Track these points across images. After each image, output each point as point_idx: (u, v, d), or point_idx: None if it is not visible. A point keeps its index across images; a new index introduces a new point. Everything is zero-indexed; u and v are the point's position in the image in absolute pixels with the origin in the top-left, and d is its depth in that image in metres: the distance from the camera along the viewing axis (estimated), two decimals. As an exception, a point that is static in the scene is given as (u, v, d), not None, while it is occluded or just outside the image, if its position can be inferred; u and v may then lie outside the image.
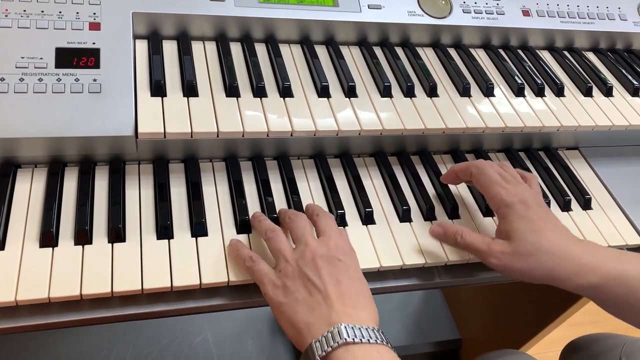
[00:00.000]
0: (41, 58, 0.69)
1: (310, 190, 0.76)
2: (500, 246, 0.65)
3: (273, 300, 0.58)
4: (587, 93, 0.91)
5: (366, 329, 0.54)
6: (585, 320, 1.68)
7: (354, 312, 0.55)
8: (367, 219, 0.73)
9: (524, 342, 1.29)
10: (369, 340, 0.53)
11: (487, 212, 0.78)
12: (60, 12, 0.73)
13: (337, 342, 0.52)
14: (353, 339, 0.52)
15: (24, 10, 0.72)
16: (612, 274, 0.62)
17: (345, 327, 0.53)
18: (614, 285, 0.62)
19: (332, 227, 0.64)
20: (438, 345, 1.54)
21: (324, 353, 0.52)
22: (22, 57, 0.69)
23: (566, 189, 0.84)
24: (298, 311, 0.56)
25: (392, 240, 0.71)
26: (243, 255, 0.63)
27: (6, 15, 0.71)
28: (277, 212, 0.70)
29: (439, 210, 0.77)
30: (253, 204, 0.72)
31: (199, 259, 0.64)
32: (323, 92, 0.78)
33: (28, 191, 0.67)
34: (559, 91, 0.89)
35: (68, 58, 0.70)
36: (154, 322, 1.34)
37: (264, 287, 0.59)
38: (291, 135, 0.73)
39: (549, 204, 0.80)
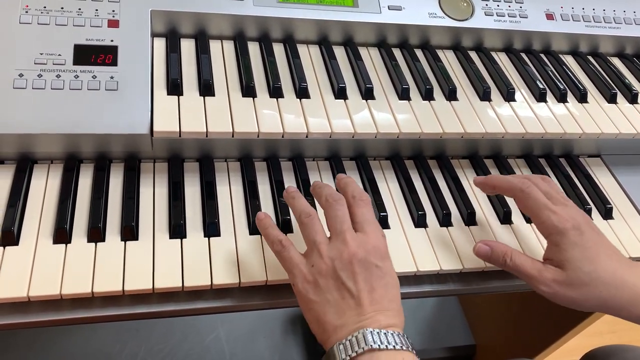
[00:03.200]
0: (59, 55, 0.69)
1: (324, 192, 0.75)
2: (552, 274, 0.61)
3: (302, 294, 0.56)
4: (612, 100, 0.89)
5: (392, 334, 0.52)
6: (603, 330, 1.65)
7: (383, 319, 0.54)
8: (382, 223, 0.72)
9: (539, 350, 1.27)
10: (394, 346, 0.52)
11: (505, 219, 0.76)
12: (79, 9, 0.73)
13: (363, 348, 0.51)
14: (379, 345, 0.51)
15: (44, 7, 0.72)
16: None
17: (372, 332, 0.52)
18: None
19: (370, 222, 0.59)
20: (452, 350, 1.52)
21: (348, 357, 0.51)
22: (41, 54, 0.69)
23: (587, 197, 0.82)
24: (327, 312, 0.55)
25: (407, 246, 0.70)
26: (272, 237, 0.60)
27: (26, 12, 0.71)
28: (312, 185, 0.65)
29: (455, 216, 0.75)
30: (267, 205, 0.72)
31: (211, 259, 0.64)
32: (340, 93, 0.77)
33: (44, 187, 0.68)
34: (582, 97, 0.87)
35: (86, 55, 0.70)
36: (167, 319, 1.34)
37: (294, 277, 0.57)
38: (306, 136, 0.72)
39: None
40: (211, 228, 0.67)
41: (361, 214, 0.60)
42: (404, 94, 0.80)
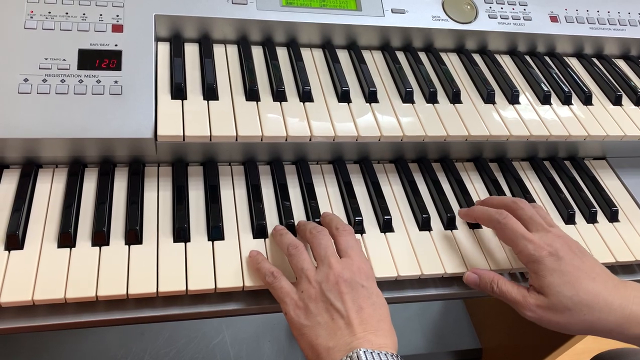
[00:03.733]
0: (64, 59, 0.70)
1: (328, 195, 0.75)
2: (535, 300, 0.61)
3: (294, 320, 0.58)
4: (617, 102, 0.89)
5: (385, 354, 0.53)
6: (611, 334, 1.64)
7: (374, 339, 0.55)
8: (386, 226, 0.72)
9: (546, 354, 1.26)
10: None
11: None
12: (84, 14, 0.74)
13: None
14: None
15: (49, 12, 0.73)
16: None
17: (365, 352, 0.52)
18: None
19: (354, 247, 0.63)
20: (458, 354, 1.51)
21: None
22: (46, 58, 0.69)
23: (592, 200, 0.82)
24: (319, 335, 0.56)
25: (411, 249, 0.70)
26: (264, 270, 0.62)
27: (31, 17, 0.72)
28: (297, 224, 0.69)
29: (459, 220, 0.75)
30: (270, 209, 0.72)
31: (215, 263, 0.64)
32: (343, 96, 0.77)
33: (48, 191, 0.68)
34: (586, 99, 0.87)
35: (90, 60, 0.70)
36: (172, 322, 1.34)
37: (286, 306, 0.59)
38: (310, 140, 0.72)
39: (573, 215, 0.78)
40: (215, 232, 0.67)
41: (345, 241, 0.63)
42: (407, 97, 0.80)
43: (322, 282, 0.58)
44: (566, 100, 0.86)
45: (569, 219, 0.78)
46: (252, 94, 0.74)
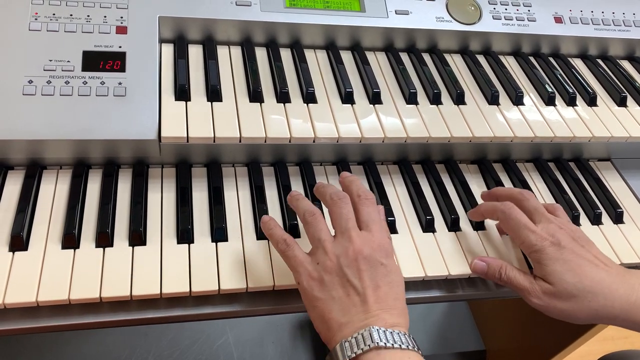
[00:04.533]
0: (68, 61, 0.70)
1: (332, 197, 0.75)
2: (542, 287, 0.62)
3: (307, 292, 0.56)
4: (621, 103, 0.88)
5: (398, 333, 0.52)
6: (616, 335, 1.63)
7: (388, 317, 0.54)
8: (389, 228, 0.72)
9: (550, 356, 1.25)
10: (400, 345, 0.52)
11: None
12: (88, 15, 0.74)
13: (369, 345, 0.51)
14: (385, 343, 0.51)
15: (53, 14, 0.73)
16: None
17: (377, 330, 0.52)
18: None
19: (375, 220, 0.60)
20: (462, 356, 1.51)
21: (353, 354, 0.51)
22: (50, 60, 0.69)
23: (597, 201, 0.81)
24: (332, 309, 0.55)
25: (415, 251, 0.70)
26: (276, 237, 0.60)
27: (36, 19, 0.72)
28: (315, 187, 0.65)
29: (463, 221, 0.75)
30: (274, 210, 0.72)
31: (219, 265, 0.64)
32: (347, 98, 0.77)
33: (52, 192, 0.68)
34: (591, 100, 0.87)
35: (94, 61, 0.71)
36: (176, 324, 1.34)
37: (299, 275, 0.57)
38: (314, 141, 0.72)
39: (578, 217, 0.78)
40: (218, 233, 0.67)
41: (366, 212, 0.60)
42: (411, 98, 0.80)
43: (340, 256, 0.56)
44: (571, 102, 0.86)
45: (574, 221, 0.78)
46: (255, 96, 0.74)
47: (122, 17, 0.75)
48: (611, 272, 0.62)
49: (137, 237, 0.64)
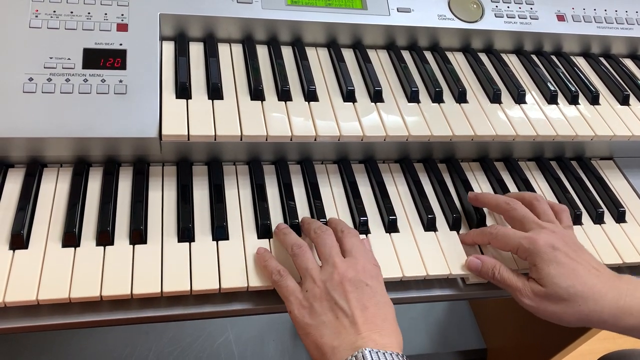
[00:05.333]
0: (69, 58, 0.70)
1: (333, 195, 0.75)
2: (533, 288, 0.63)
3: (299, 320, 0.58)
4: (624, 101, 0.88)
5: (391, 354, 0.53)
6: (616, 335, 1.63)
7: (379, 338, 0.55)
8: (391, 226, 0.72)
9: (551, 354, 1.25)
10: None
11: (516, 222, 0.76)
12: (89, 13, 0.74)
13: None
14: None
15: (54, 11, 0.73)
16: None
17: (370, 352, 0.52)
18: None
19: (358, 248, 0.63)
20: (463, 354, 1.51)
21: None
22: (51, 58, 0.69)
23: (599, 200, 0.81)
24: (324, 334, 0.56)
25: (416, 250, 0.70)
26: (270, 268, 0.62)
27: (36, 16, 0.72)
28: (301, 221, 0.69)
29: (465, 220, 0.75)
30: (275, 209, 0.71)
31: (219, 263, 0.64)
32: (349, 96, 0.77)
33: (53, 191, 0.68)
34: (593, 99, 0.86)
35: (95, 59, 0.70)
36: (177, 322, 1.34)
37: (290, 305, 0.59)
38: (315, 139, 0.72)
39: (580, 216, 0.78)
40: (219, 232, 0.66)
41: (349, 242, 0.63)
42: (413, 97, 0.79)
43: (326, 281, 0.59)
44: (573, 100, 0.86)
45: (576, 220, 0.77)
46: (257, 94, 0.74)
47: (122, 15, 0.74)
48: (602, 278, 0.62)
49: (138, 235, 0.64)
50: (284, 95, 0.75)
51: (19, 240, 0.61)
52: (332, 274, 0.59)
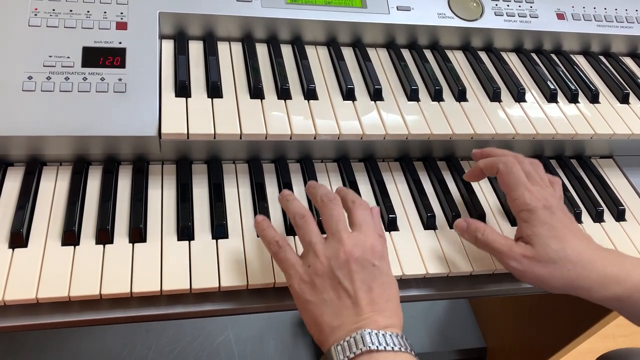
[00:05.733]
0: (68, 57, 0.70)
1: (333, 194, 0.74)
2: (522, 250, 0.62)
3: (298, 294, 0.56)
4: (624, 100, 0.88)
5: (390, 335, 0.52)
6: (616, 333, 1.63)
7: (381, 319, 0.54)
8: (391, 225, 0.72)
9: (551, 353, 1.25)
10: (392, 347, 0.51)
11: (515, 221, 0.76)
12: (88, 11, 0.74)
13: (361, 349, 0.51)
14: (377, 346, 0.51)
15: (53, 10, 0.73)
16: (638, 285, 0.60)
17: (370, 333, 0.51)
18: None
19: (368, 223, 0.59)
20: (462, 353, 1.51)
21: (346, 358, 0.51)
22: (50, 56, 0.69)
23: (599, 199, 0.81)
24: (324, 312, 0.54)
25: (416, 248, 0.70)
26: (268, 238, 0.60)
27: (35, 15, 0.72)
28: (307, 186, 0.66)
29: (465, 218, 0.75)
30: (275, 207, 0.71)
31: (219, 262, 0.64)
32: (348, 94, 0.77)
33: (52, 189, 0.68)
34: (593, 97, 0.86)
35: (94, 57, 0.70)
36: (177, 320, 1.35)
37: (290, 278, 0.57)
38: (315, 138, 0.72)
39: (580, 214, 0.78)
40: (219, 230, 0.66)
41: (360, 215, 0.60)
42: (413, 95, 0.79)
43: (331, 259, 0.56)
44: (573, 99, 0.86)
45: (575, 218, 0.77)
46: (256, 92, 0.74)
47: (122, 13, 0.74)
48: (591, 246, 0.63)
49: (138, 233, 0.64)
50: (283, 93, 0.75)
51: (19, 238, 0.61)
52: (338, 250, 0.56)
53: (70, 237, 0.63)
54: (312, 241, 0.58)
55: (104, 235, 0.63)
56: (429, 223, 0.73)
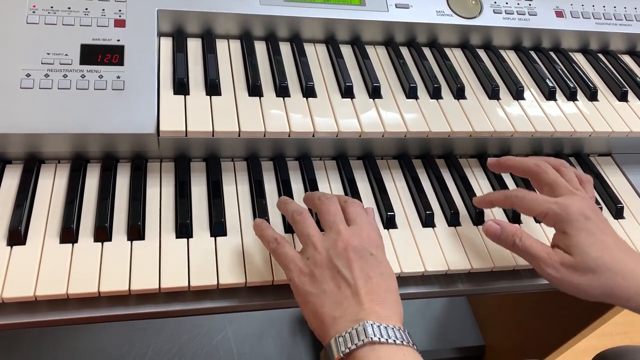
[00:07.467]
0: (66, 54, 0.69)
1: (331, 191, 0.75)
2: (560, 257, 0.61)
3: (299, 287, 0.56)
4: (622, 98, 0.88)
5: (392, 328, 0.52)
6: (614, 331, 1.64)
7: (381, 310, 0.53)
8: (389, 223, 0.72)
9: (549, 351, 1.25)
10: (394, 340, 0.51)
11: (514, 219, 0.76)
12: (86, 8, 0.73)
13: (363, 341, 0.50)
14: (379, 338, 0.50)
15: (51, 7, 0.72)
16: None
17: (372, 325, 0.51)
18: None
19: (362, 217, 0.60)
20: (461, 351, 1.51)
21: (347, 350, 0.51)
22: (48, 53, 0.69)
23: (598, 196, 0.81)
24: (324, 303, 0.54)
25: (414, 246, 0.70)
26: (267, 237, 0.60)
27: (34, 12, 0.71)
28: (304, 196, 0.67)
29: (463, 216, 0.75)
30: (273, 205, 0.71)
31: (217, 259, 0.64)
32: (347, 92, 0.77)
33: (51, 187, 0.68)
34: (592, 95, 0.86)
35: (93, 55, 0.70)
36: (175, 319, 1.34)
37: (290, 272, 0.57)
38: (313, 135, 0.72)
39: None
40: (217, 228, 0.66)
41: (354, 212, 0.61)
42: (411, 93, 0.79)
43: (329, 249, 0.56)
44: (571, 96, 0.86)
45: (574, 216, 0.77)
46: (255, 90, 0.74)
47: (120, 11, 0.74)
48: (629, 254, 0.61)
49: (136, 231, 0.64)
50: (282, 91, 0.75)
51: (17, 236, 0.61)
52: (335, 241, 0.56)
53: (69, 234, 0.63)
54: (309, 233, 0.58)
55: (102, 233, 0.63)
56: (427, 221, 0.73)
